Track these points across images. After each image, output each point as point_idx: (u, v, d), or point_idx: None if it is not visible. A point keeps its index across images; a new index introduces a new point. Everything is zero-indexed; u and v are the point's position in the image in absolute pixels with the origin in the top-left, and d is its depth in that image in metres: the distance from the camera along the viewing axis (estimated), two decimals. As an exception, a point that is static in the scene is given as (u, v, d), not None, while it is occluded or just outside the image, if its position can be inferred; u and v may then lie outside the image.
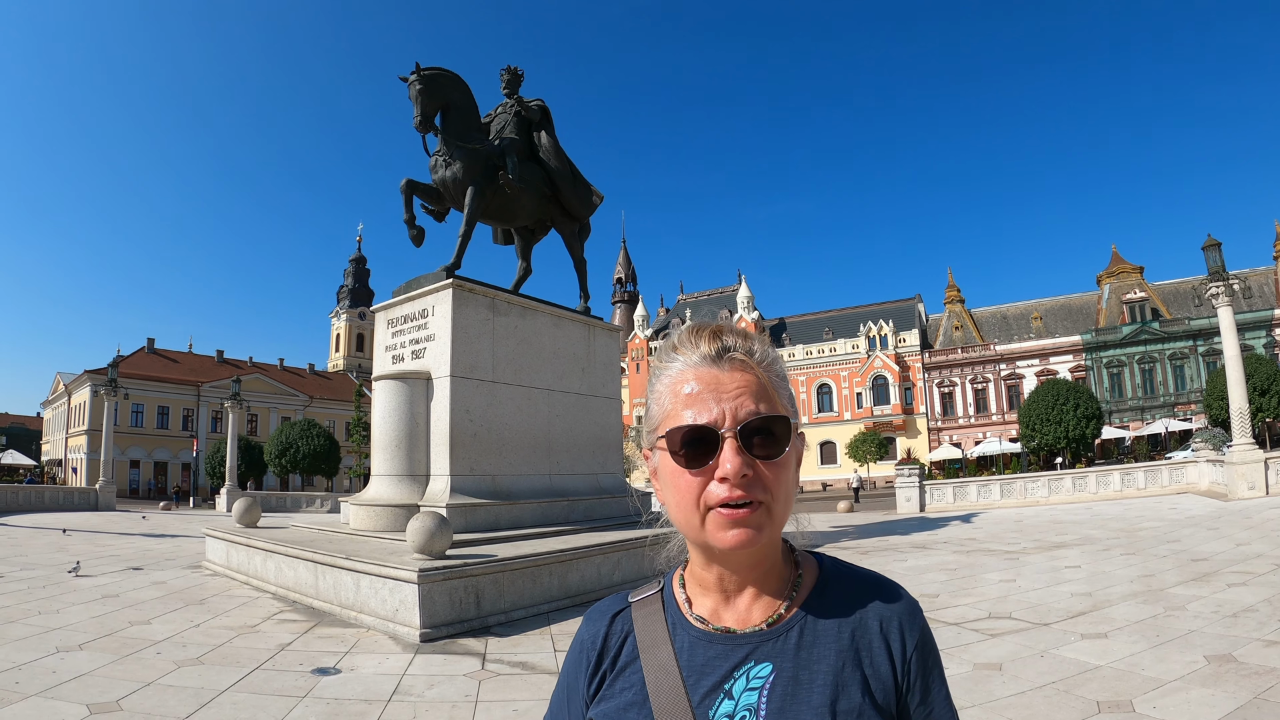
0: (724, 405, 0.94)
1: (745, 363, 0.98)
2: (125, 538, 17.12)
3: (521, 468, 11.63)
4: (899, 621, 1.00)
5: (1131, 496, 22.81)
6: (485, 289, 11.57)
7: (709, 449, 0.93)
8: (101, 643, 6.69)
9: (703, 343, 1.00)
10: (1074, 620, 7.00)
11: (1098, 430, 46.28)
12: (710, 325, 1.04)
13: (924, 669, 0.99)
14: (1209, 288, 21.29)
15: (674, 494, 0.97)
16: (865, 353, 67.57)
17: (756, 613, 1.01)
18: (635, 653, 1.03)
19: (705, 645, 1.00)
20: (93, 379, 60.36)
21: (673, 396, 0.98)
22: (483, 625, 7.46)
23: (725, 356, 0.98)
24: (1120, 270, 63.20)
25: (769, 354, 1.02)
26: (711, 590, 1.04)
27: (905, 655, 0.98)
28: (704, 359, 0.98)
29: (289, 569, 9.14)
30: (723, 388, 0.96)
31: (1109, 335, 59.35)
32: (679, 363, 1.00)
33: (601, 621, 1.10)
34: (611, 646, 1.07)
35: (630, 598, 1.12)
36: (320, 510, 33.28)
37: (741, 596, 1.02)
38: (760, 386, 0.97)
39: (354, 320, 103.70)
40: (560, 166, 13.45)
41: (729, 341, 1.00)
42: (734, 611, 1.02)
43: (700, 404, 0.95)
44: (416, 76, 11.39)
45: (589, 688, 1.06)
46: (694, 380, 0.97)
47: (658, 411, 1.01)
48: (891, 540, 15.50)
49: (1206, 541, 11.79)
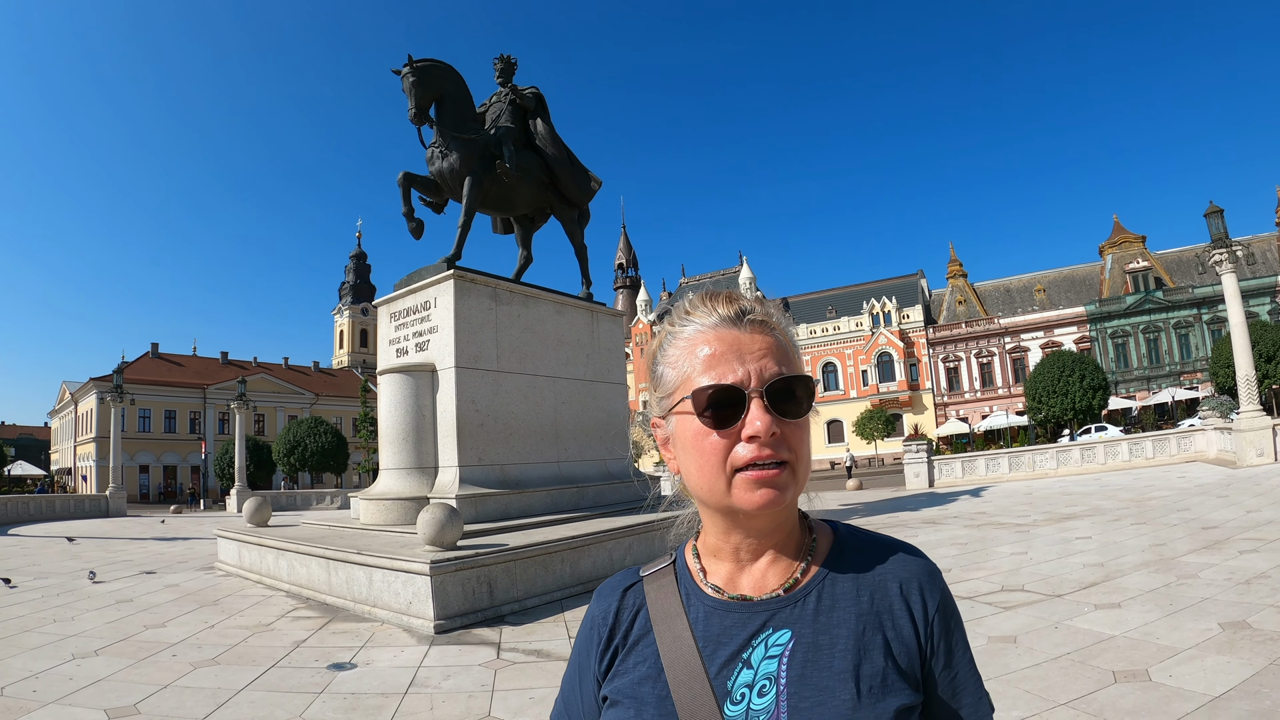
0: (748, 366, 0.93)
1: (766, 324, 0.97)
2: (137, 542, 17.20)
3: (529, 456, 11.63)
4: (919, 583, 0.98)
5: (1140, 466, 22.81)
6: (487, 279, 11.54)
7: (735, 410, 0.91)
8: (117, 647, 6.71)
9: (720, 306, 0.99)
10: (1087, 591, 7.00)
11: (1104, 401, 46.14)
12: (724, 290, 1.02)
13: (947, 631, 0.97)
14: (1212, 255, 21.20)
15: (696, 457, 0.94)
16: (869, 330, 67.52)
17: (772, 578, 0.99)
18: (648, 626, 1.02)
19: (721, 614, 0.98)
20: (98, 386, 60.69)
21: (690, 359, 0.96)
22: (496, 615, 7.47)
23: (745, 319, 0.97)
24: (1122, 240, 62.99)
25: (784, 319, 1.01)
26: (726, 559, 1.01)
27: (928, 617, 0.96)
28: (723, 320, 0.97)
29: (301, 566, 9.17)
30: (745, 348, 0.94)
31: (1113, 305, 59.19)
32: (694, 325, 0.98)
33: (612, 597, 1.08)
34: (624, 621, 1.05)
35: (642, 571, 1.10)
36: (330, 507, 33.41)
37: (758, 563, 1.00)
38: (781, 348, 0.96)
39: (357, 316, 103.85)
40: (557, 153, 13.37)
41: (747, 304, 0.99)
42: (750, 578, 1.00)
43: (724, 364, 0.93)
44: (409, 69, 11.31)
45: (601, 664, 1.04)
46: (714, 341, 0.95)
47: (674, 375, 0.98)
48: (901, 516, 15.51)
49: (1217, 509, 11.78)
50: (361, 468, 56.76)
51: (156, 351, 72.44)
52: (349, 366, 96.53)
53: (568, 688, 1.10)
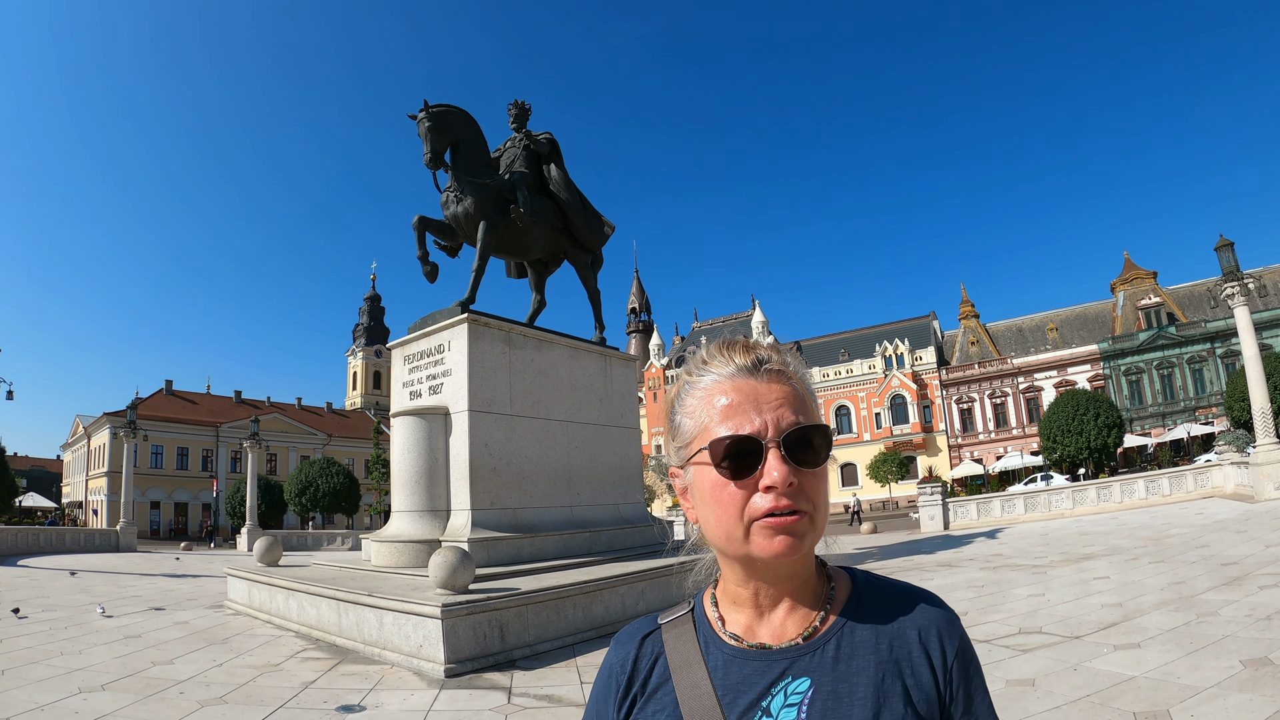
0: (765, 416, 0.94)
1: (783, 373, 0.99)
2: (147, 578, 17.18)
3: (542, 500, 11.61)
4: (938, 630, 0.98)
5: (1157, 504, 22.52)
6: (500, 323, 11.63)
7: (752, 460, 0.92)
8: (124, 683, 6.70)
9: (737, 355, 1.00)
10: (1105, 632, 6.91)
11: (1119, 439, 45.71)
12: (740, 339, 1.04)
13: (966, 677, 0.97)
14: (1224, 288, 21.15)
15: (714, 508, 0.95)
16: (882, 372, 67.33)
17: (791, 627, 0.99)
18: (667, 674, 1.01)
19: (740, 662, 0.98)
20: (112, 421, 60.93)
21: (708, 409, 0.98)
22: (507, 659, 7.42)
23: (762, 368, 0.98)
24: (1134, 276, 62.87)
25: (800, 368, 1.03)
26: (745, 606, 1.02)
27: (946, 664, 0.96)
28: (740, 370, 0.98)
29: (311, 607, 9.14)
30: (762, 398, 0.96)
31: (1126, 342, 58.90)
32: (711, 375, 1.00)
33: (630, 644, 1.08)
34: (642, 669, 1.05)
35: (660, 619, 1.09)
36: (341, 548, 33.25)
37: (776, 611, 1.00)
38: (798, 397, 0.98)
39: (370, 358, 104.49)
40: (571, 198, 13.55)
41: (764, 354, 1.00)
42: (769, 627, 1.00)
43: (741, 415, 0.95)
44: (425, 114, 11.53)
45: (619, 712, 1.04)
46: (731, 392, 0.97)
47: (692, 425, 0.99)
48: (917, 559, 15.36)
49: (1235, 545, 11.63)
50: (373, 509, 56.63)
51: (170, 388, 72.94)
52: (362, 408, 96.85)
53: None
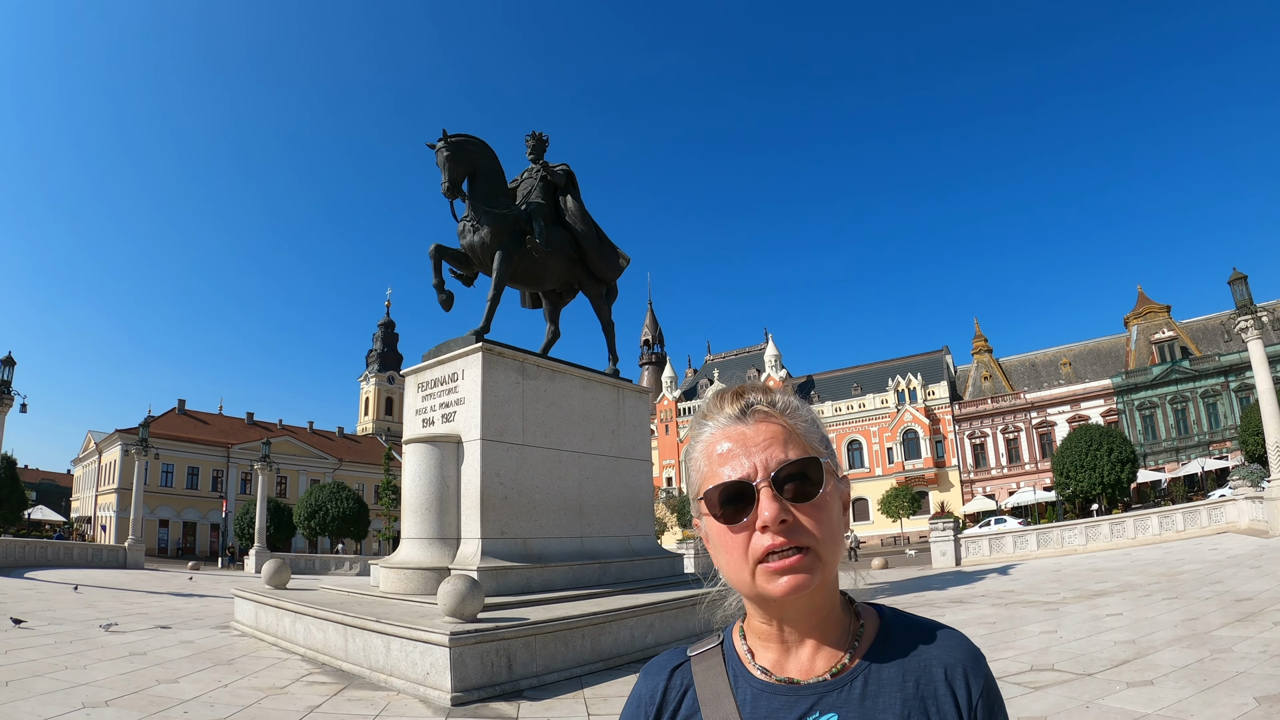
0: (754, 458, 0.97)
1: (768, 414, 1.02)
2: (153, 596, 17.20)
3: (553, 530, 11.61)
4: (963, 669, 1.00)
5: (1171, 539, 22.31)
6: (514, 352, 11.69)
7: (747, 503, 0.96)
8: (128, 700, 6.69)
9: (727, 404, 1.04)
10: (1118, 669, 6.85)
11: (1133, 474, 45.30)
12: (734, 387, 1.08)
13: (990, 716, 0.98)
14: (1238, 322, 21.13)
15: (724, 553, 0.99)
16: (894, 407, 67.05)
17: (820, 663, 1.01)
18: (695, 706, 1.03)
19: (769, 697, 1.00)
20: (124, 438, 61.11)
21: (707, 459, 1.02)
22: (514, 689, 7.39)
23: (749, 412, 1.02)
24: (1147, 310, 62.61)
25: (790, 402, 1.05)
26: (773, 642, 1.04)
27: (971, 703, 0.97)
28: (730, 419, 1.02)
29: (318, 631, 9.14)
30: (750, 442, 0.99)
31: (1139, 377, 58.53)
32: (710, 427, 1.04)
33: (660, 676, 1.10)
34: (671, 701, 1.07)
35: (689, 651, 1.11)
36: (349, 573, 33.23)
37: (804, 647, 1.02)
38: (787, 433, 1.00)
39: (383, 384, 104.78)
40: (586, 230, 13.67)
41: (751, 398, 1.04)
42: (797, 662, 1.02)
43: (733, 460, 0.98)
44: (444, 144, 11.69)
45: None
46: (723, 439, 1.01)
47: (696, 476, 1.03)
48: (928, 595, 15.23)
49: (1249, 580, 11.51)
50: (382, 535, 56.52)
51: (183, 408, 73.23)
52: (373, 433, 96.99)
53: None
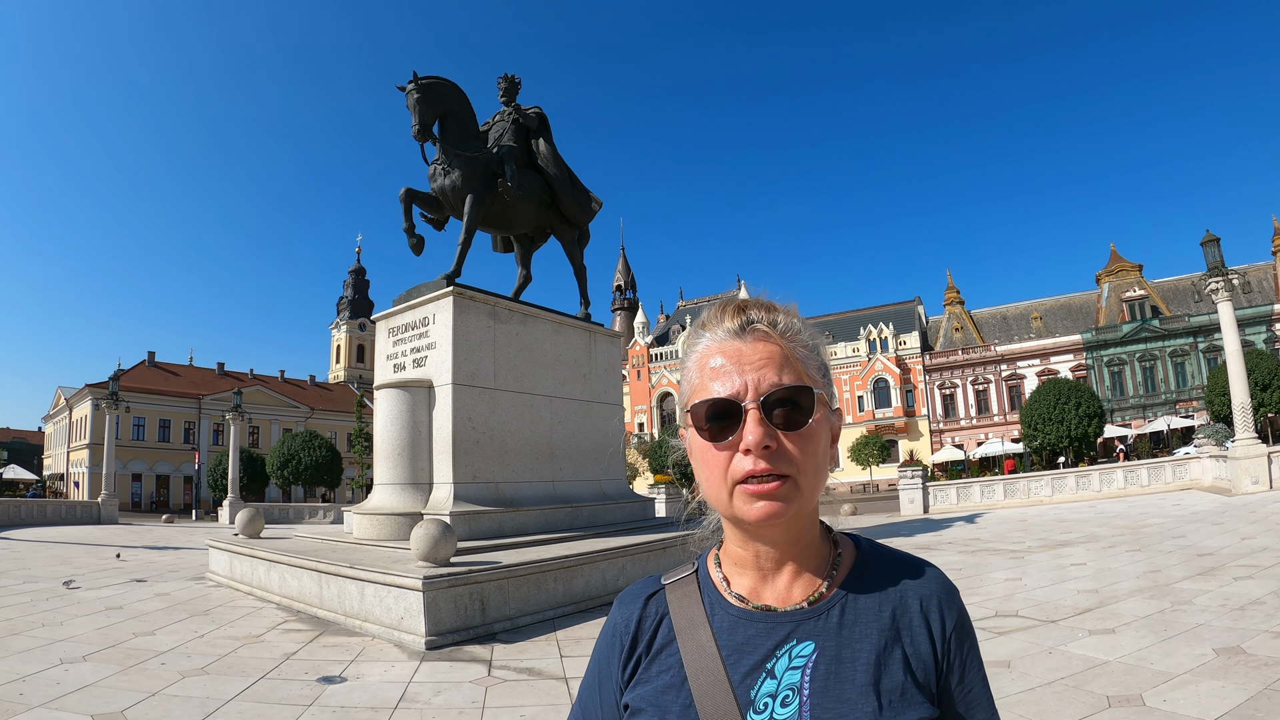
0: (746, 377, 0.94)
1: (768, 334, 0.97)
2: (128, 550, 17.08)
3: (525, 475, 11.61)
4: (938, 601, 1.00)
5: (1135, 494, 22.77)
6: (486, 296, 11.56)
7: (733, 422, 0.92)
8: (106, 654, 6.67)
9: (727, 318, 1.00)
10: (1081, 617, 6.99)
11: (1100, 429, 46.19)
12: (736, 300, 1.03)
13: (962, 648, 0.99)
14: (1208, 284, 21.31)
15: (704, 469, 0.96)
16: (866, 356, 67.47)
17: (797, 591, 1.00)
18: (671, 634, 1.02)
19: (745, 624, 0.99)
20: (94, 393, 60.33)
21: (700, 371, 0.99)
22: (488, 632, 7.44)
23: (749, 329, 0.98)
24: (1119, 269, 63.20)
25: (793, 324, 1.01)
26: (749, 568, 1.02)
27: (945, 634, 0.98)
28: (728, 333, 0.98)
29: (293, 579, 9.12)
30: (745, 360, 0.95)
31: (1109, 334, 59.33)
32: (706, 339, 1.00)
33: (635, 604, 1.08)
34: (646, 629, 1.05)
35: (664, 579, 1.09)
36: (323, 521, 33.27)
37: (781, 575, 1.01)
38: (784, 357, 0.96)
39: (354, 331, 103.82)
40: (558, 174, 13.45)
41: (753, 315, 1.00)
42: (774, 590, 1.01)
43: (725, 377, 0.95)
44: (414, 85, 11.37)
45: (623, 672, 1.03)
46: (719, 354, 0.97)
47: (687, 388, 1.01)
48: (896, 542, 15.37)
49: (1212, 536, 11.77)
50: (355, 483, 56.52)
51: (153, 360, 72.19)
52: (345, 381, 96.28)
53: (586, 694, 1.09)
